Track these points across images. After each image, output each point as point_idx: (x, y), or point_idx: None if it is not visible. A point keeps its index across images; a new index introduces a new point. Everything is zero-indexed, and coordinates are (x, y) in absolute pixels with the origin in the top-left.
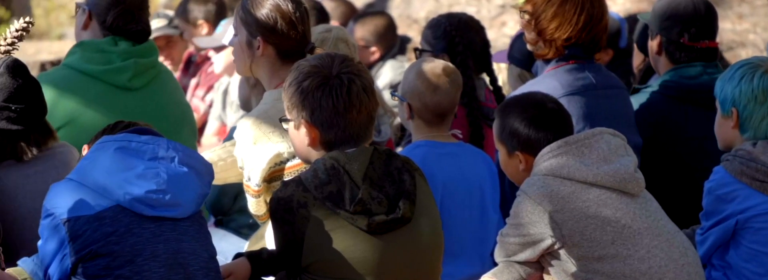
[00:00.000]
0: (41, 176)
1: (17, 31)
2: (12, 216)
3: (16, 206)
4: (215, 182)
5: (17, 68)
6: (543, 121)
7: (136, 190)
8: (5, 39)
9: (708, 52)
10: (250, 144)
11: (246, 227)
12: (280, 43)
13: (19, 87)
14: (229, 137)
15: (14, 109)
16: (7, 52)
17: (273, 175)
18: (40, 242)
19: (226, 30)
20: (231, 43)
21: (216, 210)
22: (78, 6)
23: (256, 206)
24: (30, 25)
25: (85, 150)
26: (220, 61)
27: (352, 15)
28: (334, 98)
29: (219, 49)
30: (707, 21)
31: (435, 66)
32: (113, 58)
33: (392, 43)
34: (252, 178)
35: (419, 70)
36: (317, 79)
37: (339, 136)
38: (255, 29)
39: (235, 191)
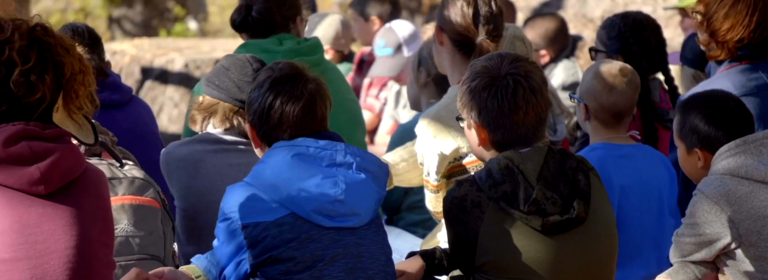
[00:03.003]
0: (243, 169)
1: None
2: (207, 199)
3: (213, 191)
4: (399, 184)
5: None
6: (723, 118)
7: (314, 202)
8: None
9: None
10: (430, 138)
11: (415, 224)
12: (455, 40)
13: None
14: (397, 134)
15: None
16: None
17: (452, 170)
18: (215, 243)
19: (396, 43)
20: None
21: (385, 207)
22: None
23: (434, 201)
24: None
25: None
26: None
27: (512, 14)
28: (499, 99)
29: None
30: None
31: (612, 67)
32: (278, 58)
33: (563, 45)
34: (431, 173)
35: (596, 71)
36: (485, 79)
37: (506, 137)
38: (439, 21)
39: (404, 188)
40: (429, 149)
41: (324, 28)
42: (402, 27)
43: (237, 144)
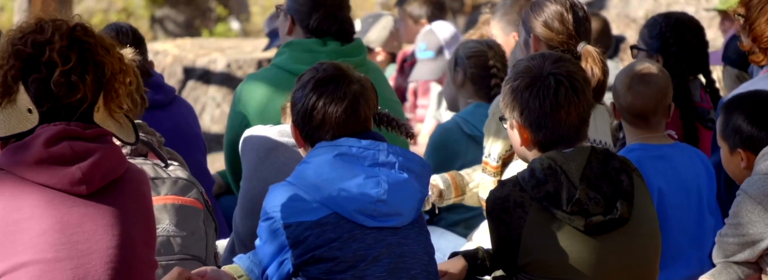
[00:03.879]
0: (284, 168)
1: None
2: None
3: (276, 181)
4: (469, 201)
5: None
6: (766, 119)
7: (356, 202)
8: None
9: None
10: (497, 120)
11: (455, 224)
12: (553, 48)
13: None
14: (435, 134)
15: None
16: None
17: (510, 156)
18: (258, 242)
19: (437, 46)
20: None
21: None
22: (278, 9)
23: (491, 186)
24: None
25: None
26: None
27: None
28: (541, 99)
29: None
30: None
31: (635, 67)
32: (321, 58)
33: (605, 45)
34: (492, 153)
35: (622, 71)
36: (526, 79)
37: (548, 137)
38: (531, 29)
39: None
40: (495, 129)
41: (378, 30)
42: (443, 29)
43: None
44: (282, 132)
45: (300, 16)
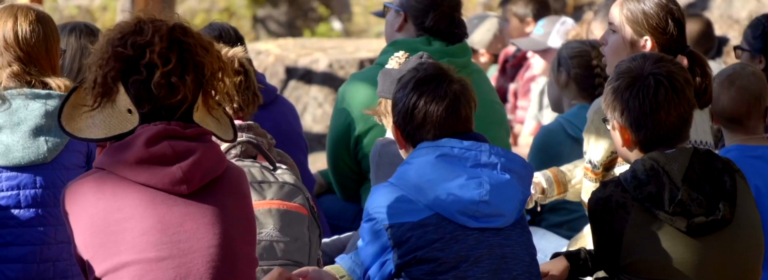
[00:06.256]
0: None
1: None
2: None
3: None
4: (571, 197)
5: None
6: None
7: (458, 203)
8: None
9: None
10: (598, 124)
11: (557, 225)
12: (665, 44)
13: None
14: (540, 135)
15: None
16: None
17: (611, 163)
18: (360, 243)
19: (550, 31)
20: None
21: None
22: (387, 7)
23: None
24: None
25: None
26: (539, 62)
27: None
28: (641, 99)
29: (541, 52)
30: None
31: (728, 71)
32: None
33: (707, 47)
34: (593, 160)
35: (716, 75)
36: (627, 79)
37: (649, 138)
38: (644, 29)
39: None
40: (595, 135)
41: (482, 32)
42: (567, 22)
43: None
44: None
45: (415, 13)
